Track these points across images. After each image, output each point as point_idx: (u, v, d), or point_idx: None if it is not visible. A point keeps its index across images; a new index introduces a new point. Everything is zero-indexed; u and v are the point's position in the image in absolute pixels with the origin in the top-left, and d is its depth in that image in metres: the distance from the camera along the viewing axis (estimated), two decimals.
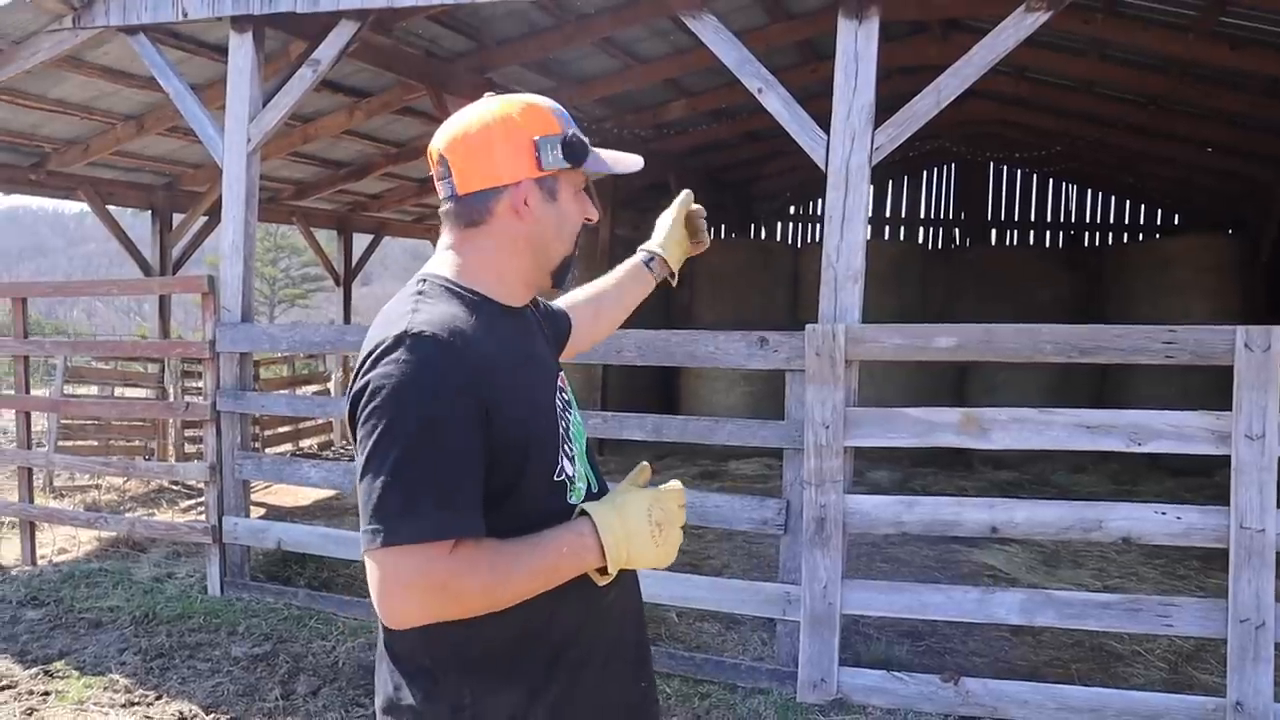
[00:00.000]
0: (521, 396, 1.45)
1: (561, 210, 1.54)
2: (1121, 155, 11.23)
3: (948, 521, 4.03)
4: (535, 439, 1.45)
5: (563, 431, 1.53)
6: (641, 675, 1.64)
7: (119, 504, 7.96)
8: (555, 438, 1.50)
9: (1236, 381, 3.73)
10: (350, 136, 9.20)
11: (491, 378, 1.39)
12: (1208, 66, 7.40)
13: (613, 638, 1.56)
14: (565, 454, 1.50)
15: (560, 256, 1.57)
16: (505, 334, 1.50)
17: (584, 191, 1.58)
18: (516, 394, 1.43)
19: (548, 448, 1.47)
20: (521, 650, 1.45)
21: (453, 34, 7.22)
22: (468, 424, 1.34)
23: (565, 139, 1.50)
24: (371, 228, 13.10)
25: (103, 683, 4.34)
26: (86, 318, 44.20)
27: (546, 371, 1.59)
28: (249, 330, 5.32)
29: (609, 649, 1.55)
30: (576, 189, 1.56)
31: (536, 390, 1.51)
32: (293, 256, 36.93)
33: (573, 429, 1.58)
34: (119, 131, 8.08)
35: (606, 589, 1.48)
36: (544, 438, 1.47)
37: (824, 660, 4.11)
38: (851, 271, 4.20)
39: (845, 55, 4.22)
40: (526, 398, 1.47)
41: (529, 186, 1.51)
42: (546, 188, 1.52)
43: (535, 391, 1.51)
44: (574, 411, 1.62)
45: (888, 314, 7.82)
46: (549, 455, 1.47)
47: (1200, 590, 5.59)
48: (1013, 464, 9.34)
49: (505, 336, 1.49)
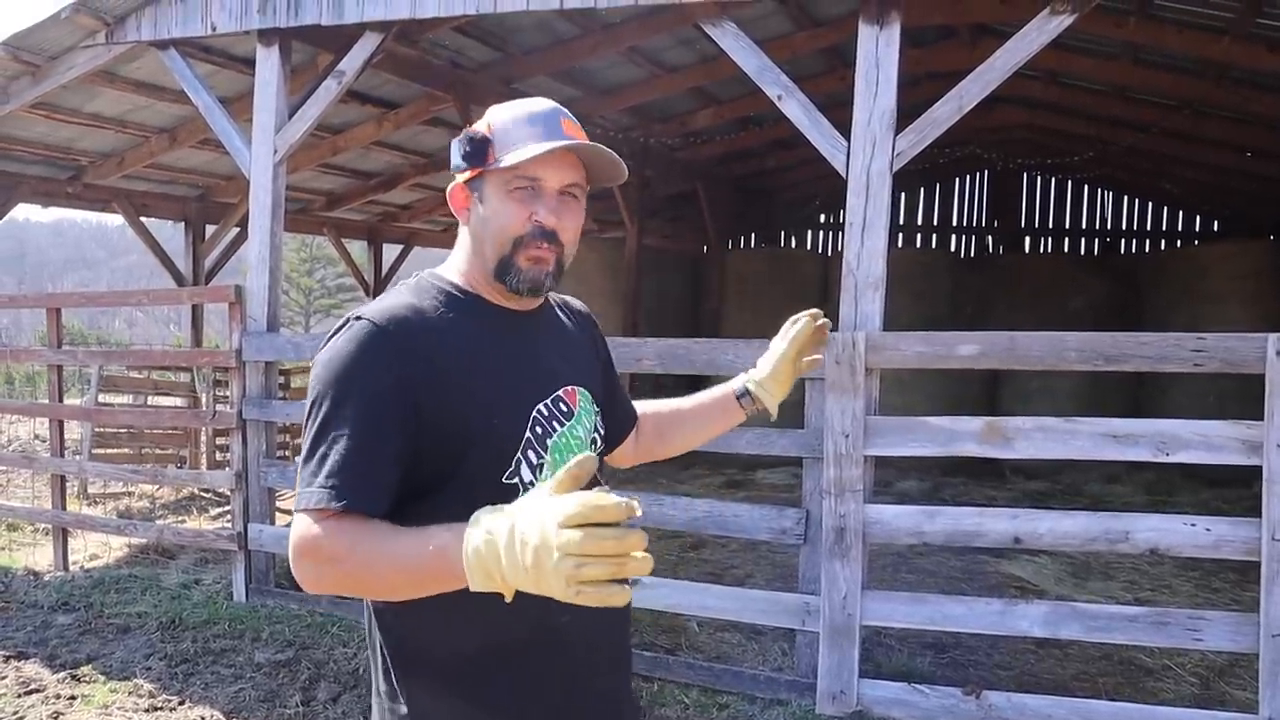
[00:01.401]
0: (469, 389, 1.45)
1: (490, 210, 1.51)
2: (1157, 160, 11.06)
3: (969, 532, 3.97)
4: (479, 434, 1.43)
5: (531, 436, 1.49)
6: (606, 712, 1.59)
7: (150, 511, 8.06)
8: (513, 440, 1.47)
9: (1268, 390, 3.64)
10: (379, 148, 9.28)
11: (427, 366, 1.41)
12: (1245, 69, 7.27)
13: (569, 667, 1.52)
14: (528, 460, 1.48)
15: (495, 258, 1.51)
16: (478, 329, 1.51)
17: (524, 190, 1.49)
18: (462, 386, 1.44)
19: (496, 447, 1.45)
20: (474, 664, 1.45)
21: (478, 45, 7.26)
22: (380, 405, 1.37)
23: (469, 139, 1.50)
24: (401, 238, 13.20)
25: (128, 688, 4.38)
26: (128, 327, 44.97)
27: (537, 376, 1.56)
28: (274, 339, 5.37)
29: (566, 676, 1.52)
30: (509, 189, 1.50)
31: (500, 388, 1.49)
32: (328, 267, 37.33)
33: (557, 439, 1.54)
34: (152, 145, 8.21)
35: (559, 611, 1.26)
36: (492, 435, 1.45)
37: (843, 672, 4.06)
38: (872, 279, 4.16)
39: (866, 61, 4.19)
40: (475, 392, 1.45)
41: (459, 187, 1.56)
42: (474, 188, 1.54)
43: (496, 389, 1.48)
44: (572, 425, 1.57)
45: (919, 323, 7.73)
46: (498, 454, 1.45)
47: (1235, 604, 5.46)
48: (1044, 474, 9.22)
49: (475, 332, 1.50)
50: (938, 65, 8.39)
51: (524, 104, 1.54)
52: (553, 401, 1.56)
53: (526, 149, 1.46)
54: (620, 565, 1.05)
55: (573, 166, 1.53)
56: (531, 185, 1.50)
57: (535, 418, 1.52)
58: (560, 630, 1.48)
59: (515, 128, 1.50)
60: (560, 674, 1.51)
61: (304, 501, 1.34)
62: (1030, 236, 14.09)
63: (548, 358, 1.60)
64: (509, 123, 1.51)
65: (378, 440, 1.37)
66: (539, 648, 1.48)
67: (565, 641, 1.50)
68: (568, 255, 1.55)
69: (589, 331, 1.78)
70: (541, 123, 1.49)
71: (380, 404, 1.38)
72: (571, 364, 1.65)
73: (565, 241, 1.53)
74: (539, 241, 1.49)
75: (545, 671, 1.49)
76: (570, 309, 1.77)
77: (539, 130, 1.49)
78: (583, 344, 1.72)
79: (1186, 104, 8.60)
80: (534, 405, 1.52)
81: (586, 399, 1.64)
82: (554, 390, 1.57)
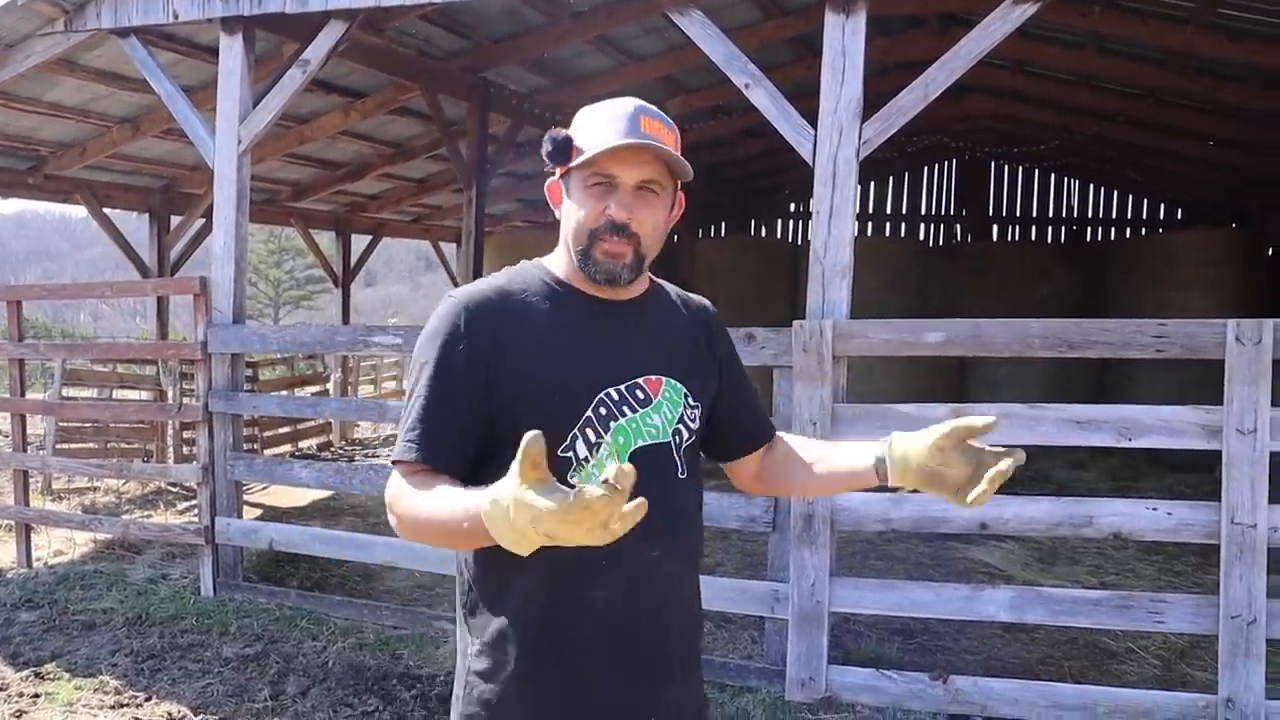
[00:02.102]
0: (532, 367, 1.56)
1: (572, 205, 1.61)
2: (1122, 149, 11.17)
3: (936, 518, 4.01)
4: (537, 408, 1.54)
5: (593, 416, 1.57)
6: (649, 685, 1.62)
7: (116, 506, 7.97)
8: (573, 417, 1.56)
9: (1228, 375, 3.69)
10: (346, 137, 9.21)
11: (495, 342, 1.56)
12: (1207, 59, 7.35)
13: (604, 640, 1.58)
14: (585, 437, 1.56)
15: (576, 250, 1.61)
16: (557, 314, 1.61)
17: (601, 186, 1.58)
18: (526, 364, 1.56)
19: (555, 421, 1.53)
20: (515, 631, 1.58)
21: (446, 33, 7.21)
22: (450, 373, 1.55)
23: (552, 139, 1.58)
24: (370, 228, 13.11)
25: (93, 684, 4.33)
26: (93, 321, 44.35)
27: (614, 361, 1.62)
28: (240, 331, 5.31)
29: (596, 651, 1.57)
30: (587, 185, 1.58)
31: (565, 369, 1.58)
32: (297, 259, 37.00)
33: (625, 423, 1.60)
34: (115, 134, 8.10)
35: (592, 588, 1.54)
36: (548, 410, 1.54)
37: (812, 658, 4.08)
38: (839, 267, 4.17)
39: (832, 49, 4.19)
40: (538, 370, 1.56)
41: (554, 184, 1.67)
42: (564, 184, 1.64)
43: (561, 369, 1.58)
44: (647, 413, 1.62)
45: (887, 311, 7.77)
46: (556, 428, 1.53)
47: (1197, 586, 5.55)
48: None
49: (553, 316, 1.61)
50: (906, 54, 8.42)
51: (609, 103, 1.61)
52: (627, 388, 1.61)
53: (597, 146, 1.55)
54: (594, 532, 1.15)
55: (648, 163, 1.58)
56: (608, 181, 1.57)
57: (602, 399, 1.59)
58: (598, 607, 1.57)
59: (596, 126, 1.58)
60: (592, 648, 1.58)
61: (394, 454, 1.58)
62: (998, 225, 14.21)
63: (633, 346, 1.65)
64: (591, 122, 1.60)
65: (445, 404, 1.55)
66: (570, 623, 1.58)
67: (600, 619, 1.58)
68: (647, 248, 1.62)
69: (703, 329, 1.80)
70: (621, 120, 1.56)
71: (450, 372, 1.55)
72: (665, 355, 1.68)
73: (642, 234, 1.59)
74: (611, 235, 1.57)
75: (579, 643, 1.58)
76: (689, 305, 1.82)
77: (618, 128, 1.55)
78: (689, 339, 1.75)
79: (1150, 93, 8.69)
80: (603, 388, 1.59)
81: (676, 390, 1.67)
82: (632, 377, 1.62)
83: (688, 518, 1.68)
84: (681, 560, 1.67)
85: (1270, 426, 3.65)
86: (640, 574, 1.58)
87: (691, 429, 1.69)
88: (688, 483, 1.67)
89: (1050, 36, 7.85)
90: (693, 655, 1.74)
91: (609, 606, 1.56)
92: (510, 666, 1.57)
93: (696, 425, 1.70)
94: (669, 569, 1.63)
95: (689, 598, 1.72)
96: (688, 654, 1.70)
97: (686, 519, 1.68)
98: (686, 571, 1.70)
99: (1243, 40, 6.74)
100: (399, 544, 5.23)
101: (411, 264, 62.90)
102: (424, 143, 9.86)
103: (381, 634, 4.84)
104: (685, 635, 1.70)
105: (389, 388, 15.67)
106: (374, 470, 5.24)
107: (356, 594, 5.47)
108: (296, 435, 10.69)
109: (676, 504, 1.64)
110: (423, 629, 4.88)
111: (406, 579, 5.74)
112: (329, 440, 11.38)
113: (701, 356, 1.76)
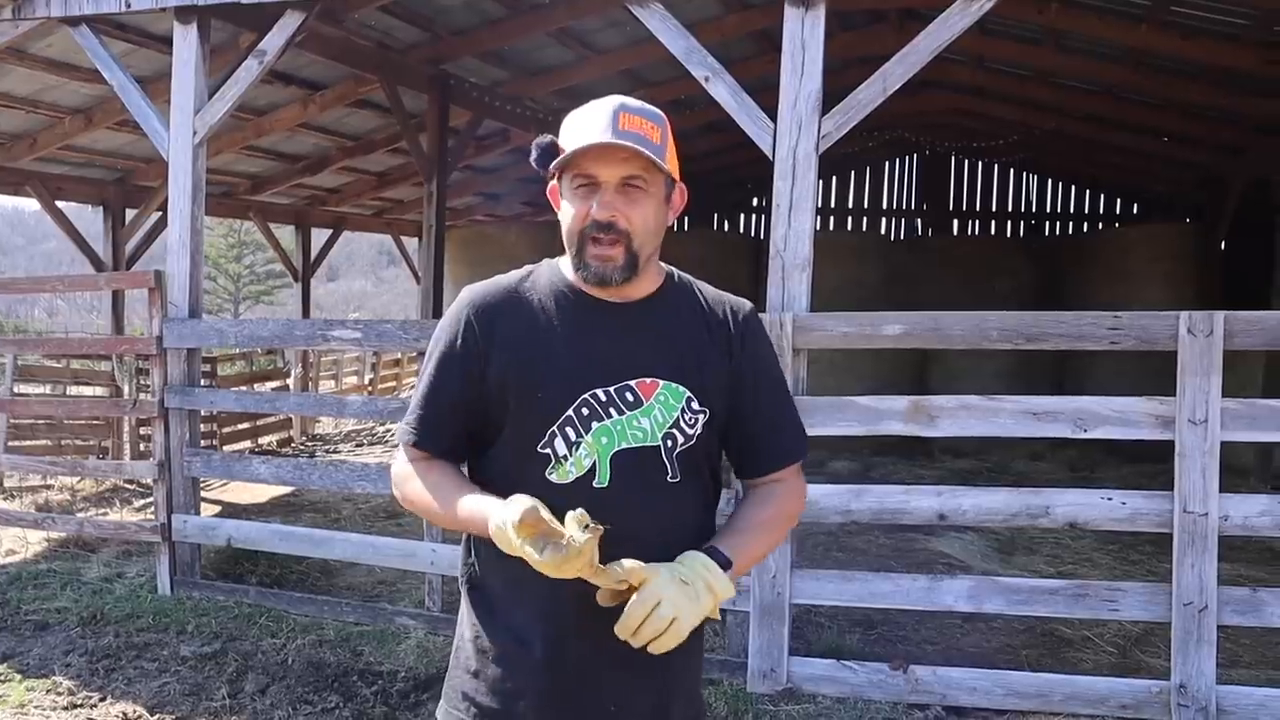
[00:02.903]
0: (521, 364, 1.62)
1: (563, 209, 1.65)
2: (1080, 145, 11.32)
3: (895, 509, 4.04)
4: (522, 403, 1.61)
5: (574, 415, 1.60)
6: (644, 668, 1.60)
7: (71, 504, 7.83)
8: (555, 414, 1.59)
9: (1180, 366, 3.75)
10: (305, 130, 9.11)
11: (490, 338, 1.63)
12: (1161, 56, 7.47)
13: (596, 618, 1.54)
14: (564, 435, 1.59)
15: (571, 252, 1.64)
16: (555, 313, 1.65)
17: (585, 187, 1.60)
18: (516, 359, 1.62)
19: (537, 417, 1.60)
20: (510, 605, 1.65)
21: (405, 25, 7.15)
22: (450, 362, 1.66)
23: (536, 145, 1.61)
24: (330, 222, 12.98)
25: (46, 685, 4.26)
26: (48, 317, 43.56)
27: (606, 362, 1.62)
28: (196, 326, 5.24)
29: (590, 630, 1.57)
30: (573, 188, 1.61)
31: (553, 368, 1.62)
32: (257, 253, 36.53)
33: (609, 424, 1.60)
34: (67, 126, 7.95)
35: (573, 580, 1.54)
36: (535, 406, 1.60)
37: (773, 650, 4.10)
38: (799, 260, 4.19)
39: (792, 43, 4.20)
40: (527, 366, 1.62)
41: (554, 189, 1.69)
42: (559, 188, 1.67)
43: (549, 368, 1.61)
44: (635, 415, 1.61)
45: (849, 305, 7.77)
46: (537, 424, 1.60)
47: (1151, 575, 5.64)
48: (972, 452, 9.41)
49: (551, 315, 1.65)
50: (866, 50, 8.47)
51: (593, 104, 1.61)
52: (617, 390, 1.61)
53: (572, 148, 1.57)
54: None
55: (628, 160, 1.57)
56: (590, 182, 1.59)
57: (586, 399, 1.60)
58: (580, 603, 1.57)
59: (577, 128, 1.60)
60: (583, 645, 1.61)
61: (397, 437, 1.74)
62: (959, 219, 14.35)
63: (632, 348, 1.64)
64: (573, 124, 1.61)
65: (443, 393, 1.67)
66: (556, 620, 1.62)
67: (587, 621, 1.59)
68: (640, 245, 1.61)
69: (730, 332, 1.72)
70: (600, 120, 1.57)
71: (449, 363, 1.66)
72: (668, 357, 1.65)
73: (632, 231, 1.59)
74: (599, 234, 1.59)
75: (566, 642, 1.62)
76: (720, 308, 1.75)
77: (596, 128, 1.56)
78: (706, 341, 1.69)
79: (1107, 89, 8.82)
80: (590, 389, 1.61)
81: (675, 394, 1.64)
82: (625, 379, 1.62)
83: (675, 522, 1.64)
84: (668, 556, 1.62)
85: (1221, 417, 3.71)
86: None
87: (689, 434, 1.64)
88: (680, 486, 1.64)
89: (1008, 32, 7.94)
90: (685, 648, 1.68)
91: (588, 599, 1.54)
92: (502, 637, 1.63)
93: (698, 430, 1.65)
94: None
95: None
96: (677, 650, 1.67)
97: (672, 523, 1.63)
98: None
99: (1195, 38, 6.86)
100: (359, 540, 5.20)
101: (374, 258, 62.31)
102: (384, 136, 9.78)
103: (342, 630, 4.80)
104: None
105: (350, 383, 15.54)
106: (334, 466, 5.19)
107: (316, 590, 5.42)
108: (257, 431, 10.58)
109: (661, 507, 1.63)
110: (384, 625, 4.85)
111: (367, 575, 5.70)
112: (290, 436, 11.26)
113: (716, 360, 1.69)
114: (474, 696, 1.65)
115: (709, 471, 1.72)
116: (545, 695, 1.61)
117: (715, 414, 1.68)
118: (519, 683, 1.62)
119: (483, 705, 1.64)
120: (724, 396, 1.69)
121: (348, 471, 5.09)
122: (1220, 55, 6.93)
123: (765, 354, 1.77)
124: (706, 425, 1.66)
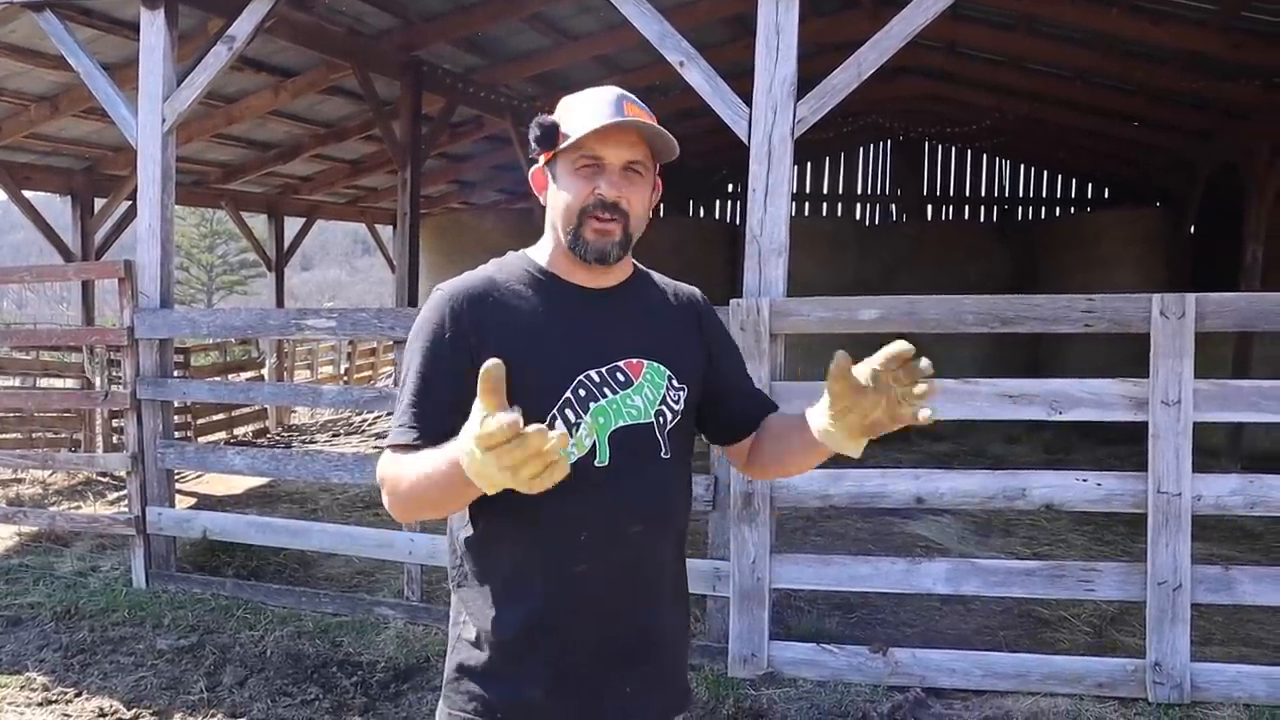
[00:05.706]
0: (514, 352, 1.55)
1: (560, 188, 1.65)
2: (1052, 130, 11.38)
3: (873, 493, 4.06)
4: (516, 390, 1.55)
5: (572, 397, 1.62)
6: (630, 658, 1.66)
7: (43, 498, 7.74)
8: (553, 398, 1.61)
9: (1153, 349, 3.78)
10: (277, 118, 9.00)
11: (480, 329, 1.61)
12: (1131, 41, 7.51)
13: (586, 610, 1.62)
14: (564, 417, 1.61)
15: (566, 231, 1.65)
16: (541, 302, 1.66)
17: (588, 167, 1.62)
18: (507, 346, 1.55)
19: (535, 402, 1.57)
20: (500, 602, 1.63)
21: (377, 11, 7.08)
22: (438, 358, 1.61)
23: (539, 124, 1.64)
24: (303, 211, 12.85)
25: (19, 682, 4.21)
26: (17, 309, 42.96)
27: (595, 345, 1.66)
28: (168, 315, 5.18)
29: (580, 621, 1.61)
30: (576, 167, 1.63)
31: (546, 353, 1.63)
32: (230, 242, 36.22)
33: (605, 404, 1.64)
34: (32, 113, 7.82)
35: (575, 561, 1.59)
36: (531, 392, 1.56)
37: (754, 635, 4.12)
38: (775, 245, 4.18)
39: (766, 27, 4.19)
40: (520, 354, 1.57)
41: (538, 171, 1.71)
42: (550, 170, 1.68)
43: (541, 354, 1.62)
44: (628, 394, 1.65)
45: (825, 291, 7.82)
46: (536, 409, 1.57)
47: (1126, 555, 5.70)
48: (949, 436, 9.47)
49: (538, 304, 1.66)
50: (841, 35, 8.46)
51: (592, 90, 1.67)
52: (608, 370, 1.65)
53: (585, 128, 1.59)
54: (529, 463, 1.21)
55: (633, 145, 1.64)
56: (595, 163, 1.62)
57: (581, 381, 1.63)
58: (579, 579, 1.61)
59: (582, 111, 1.63)
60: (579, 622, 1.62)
61: (386, 441, 1.63)
62: (933, 205, 14.41)
63: (614, 331, 1.69)
64: (575, 108, 1.65)
65: (433, 391, 1.60)
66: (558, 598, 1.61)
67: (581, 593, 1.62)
68: (634, 226, 1.66)
69: (692, 314, 1.82)
70: (607, 105, 1.62)
71: (437, 360, 1.61)
72: (647, 339, 1.71)
73: (630, 213, 1.64)
74: (602, 213, 1.62)
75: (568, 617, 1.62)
76: (678, 293, 1.84)
77: (605, 112, 1.61)
78: (676, 323, 1.78)
79: (1079, 75, 8.86)
80: (583, 371, 1.63)
81: (658, 373, 1.70)
82: (612, 360, 1.66)
83: (671, 496, 1.71)
84: (664, 536, 1.70)
85: (1194, 398, 3.75)
86: (622, 547, 1.63)
87: (675, 410, 1.71)
88: (672, 463, 1.70)
89: (981, 18, 7.95)
90: (676, 628, 1.76)
91: (590, 579, 1.61)
92: (495, 636, 1.62)
93: (681, 407, 1.72)
94: (651, 544, 1.67)
95: (672, 573, 1.74)
96: (670, 627, 1.73)
97: (670, 497, 1.71)
98: (670, 546, 1.73)
99: (1164, 23, 6.90)
100: (336, 530, 5.17)
101: (348, 247, 61.82)
102: (357, 123, 9.69)
103: (321, 621, 4.77)
104: (669, 608, 1.73)
105: (325, 372, 15.44)
106: (310, 456, 5.15)
107: (294, 582, 5.38)
108: (232, 422, 10.49)
109: (659, 482, 1.68)
110: (363, 615, 4.82)
111: (345, 565, 5.67)
112: (265, 427, 11.18)
113: (688, 341, 1.78)
114: (474, 695, 1.65)
115: (688, 448, 1.79)
116: (547, 691, 1.61)
117: (692, 391, 1.75)
118: (519, 680, 1.62)
119: (484, 704, 1.63)
120: (698, 375, 1.78)
121: (324, 462, 5.05)
122: (1188, 40, 6.98)
123: (722, 331, 1.88)
124: (686, 402, 1.73)
